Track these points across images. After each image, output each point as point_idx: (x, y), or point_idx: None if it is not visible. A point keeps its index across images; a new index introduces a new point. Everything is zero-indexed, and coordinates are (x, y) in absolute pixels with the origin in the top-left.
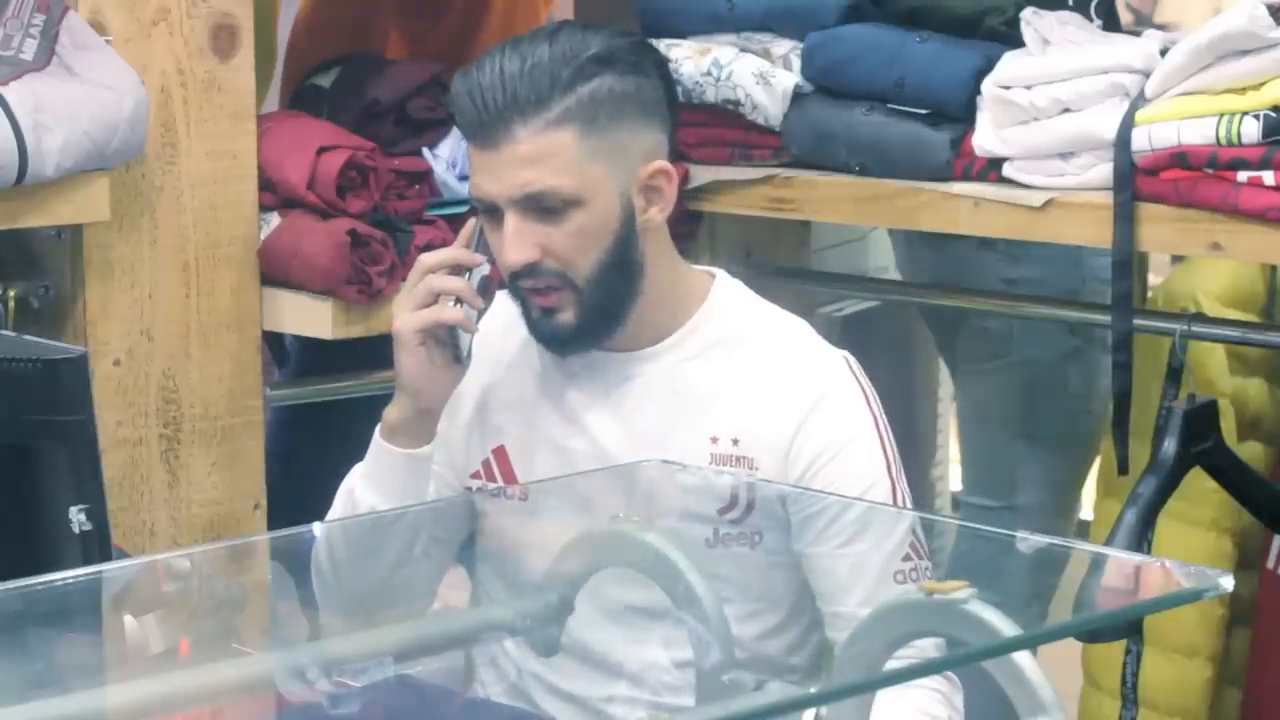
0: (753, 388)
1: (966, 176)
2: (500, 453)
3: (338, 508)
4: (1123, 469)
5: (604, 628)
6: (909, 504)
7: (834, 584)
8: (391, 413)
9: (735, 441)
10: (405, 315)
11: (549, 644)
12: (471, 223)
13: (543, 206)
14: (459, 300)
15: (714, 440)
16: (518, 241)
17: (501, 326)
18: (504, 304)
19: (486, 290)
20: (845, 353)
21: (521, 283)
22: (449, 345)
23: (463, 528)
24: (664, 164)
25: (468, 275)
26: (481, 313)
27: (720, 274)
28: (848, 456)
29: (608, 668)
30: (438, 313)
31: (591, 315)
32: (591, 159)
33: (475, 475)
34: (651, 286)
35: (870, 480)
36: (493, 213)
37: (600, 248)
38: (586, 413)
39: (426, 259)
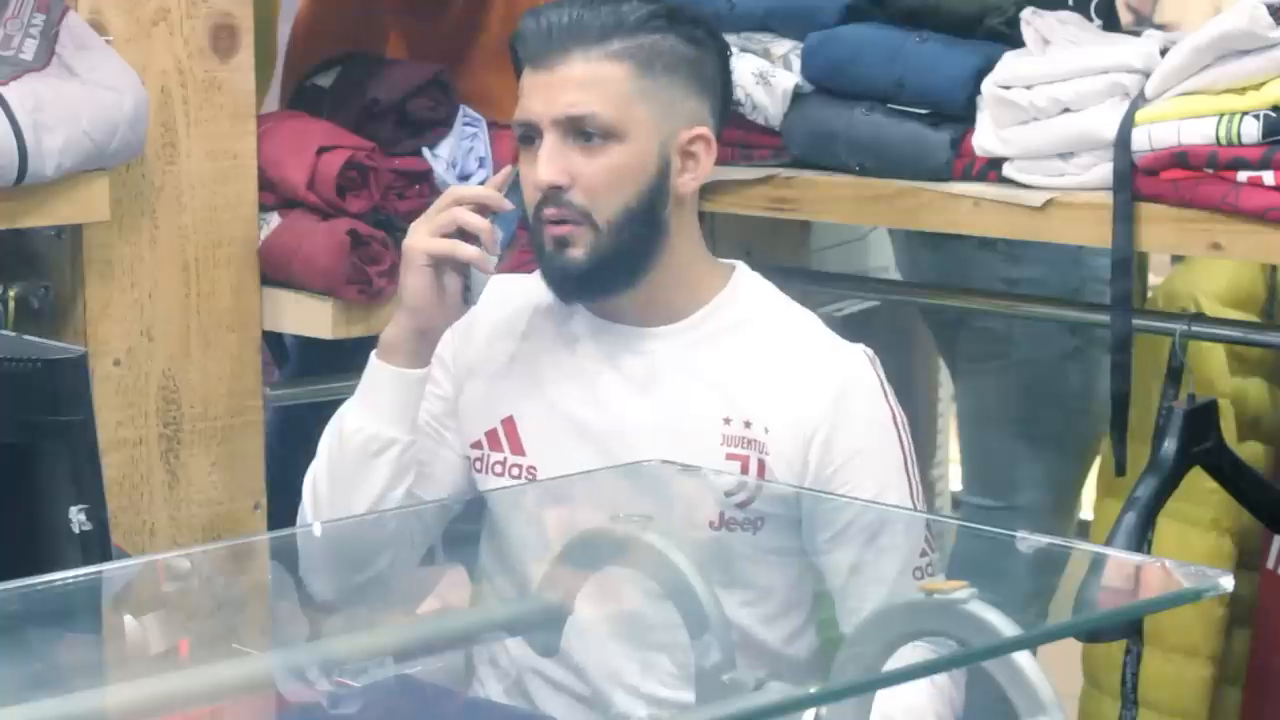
0: (770, 373)
1: (966, 176)
2: (509, 422)
3: (326, 436)
4: (1120, 470)
5: (604, 627)
6: (922, 497)
7: (856, 581)
8: (388, 331)
9: (748, 424)
10: (422, 236)
11: (549, 644)
12: (508, 169)
13: (582, 131)
14: (478, 242)
15: (726, 421)
16: (551, 163)
17: (519, 295)
18: (521, 276)
19: (511, 245)
20: (863, 346)
21: (545, 212)
22: (461, 279)
23: (448, 472)
24: (706, 131)
25: (493, 219)
26: (499, 261)
27: (741, 265)
28: (869, 453)
29: (608, 668)
30: (454, 247)
31: (604, 259)
32: (639, 98)
33: (476, 445)
34: (673, 257)
35: (890, 476)
36: (531, 141)
37: (629, 190)
38: (598, 384)
39: (457, 190)
